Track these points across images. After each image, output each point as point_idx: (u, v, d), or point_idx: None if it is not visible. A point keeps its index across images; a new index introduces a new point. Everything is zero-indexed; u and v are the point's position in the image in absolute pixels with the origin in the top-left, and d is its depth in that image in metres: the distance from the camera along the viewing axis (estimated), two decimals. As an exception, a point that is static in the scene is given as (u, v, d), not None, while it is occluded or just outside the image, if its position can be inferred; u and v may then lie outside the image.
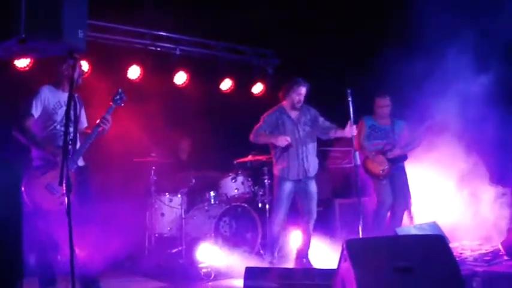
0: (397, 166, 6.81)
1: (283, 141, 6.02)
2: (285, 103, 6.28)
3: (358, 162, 5.93)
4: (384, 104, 6.92)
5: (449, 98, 6.74)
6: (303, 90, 6.17)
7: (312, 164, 6.24)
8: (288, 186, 6.13)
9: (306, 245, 6.23)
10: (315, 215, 6.27)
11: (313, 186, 6.24)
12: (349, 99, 5.70)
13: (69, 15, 2.87)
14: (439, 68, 6.69)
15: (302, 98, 6.20)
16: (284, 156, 6.13)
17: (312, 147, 6.26)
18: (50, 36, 2.82)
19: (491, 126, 6.70)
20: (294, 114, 6.24)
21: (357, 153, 5.88)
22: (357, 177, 5.77)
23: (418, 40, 6.58)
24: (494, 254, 5.88)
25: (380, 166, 6.73)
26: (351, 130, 5.90)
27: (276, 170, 6.23)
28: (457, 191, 7.18)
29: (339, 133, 6.14)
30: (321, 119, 6.36)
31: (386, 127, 6.94)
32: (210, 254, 6.45)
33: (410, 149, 6.90)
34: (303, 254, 6.22)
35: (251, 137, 6.22)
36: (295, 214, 6.48)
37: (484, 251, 6.11)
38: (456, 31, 6.45)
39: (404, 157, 6.85)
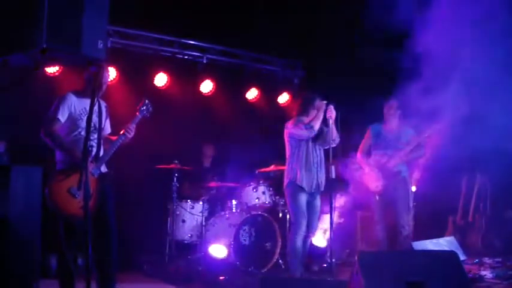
0: (395, 179, 6.23)
1: None
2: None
3: (334, 175, 5.68)
4: (390, 108, 6.37)
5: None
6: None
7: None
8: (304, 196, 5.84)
9: (304, 257, 5.92)
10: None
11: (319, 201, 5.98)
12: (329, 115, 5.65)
13: (88, 27, 2.96)
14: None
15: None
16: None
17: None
18: (70, 47, 2.92)
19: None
20: None
21: (333, 166, 5.68)
22: (331, 190, 5.63)
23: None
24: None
25: (374, 182, 6.26)
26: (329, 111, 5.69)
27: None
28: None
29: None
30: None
31: (391, 135, 6.36)
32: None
33: (412, 158, 6.37)
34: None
35: None
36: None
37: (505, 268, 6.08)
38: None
39: (404, 169, 6.30)
